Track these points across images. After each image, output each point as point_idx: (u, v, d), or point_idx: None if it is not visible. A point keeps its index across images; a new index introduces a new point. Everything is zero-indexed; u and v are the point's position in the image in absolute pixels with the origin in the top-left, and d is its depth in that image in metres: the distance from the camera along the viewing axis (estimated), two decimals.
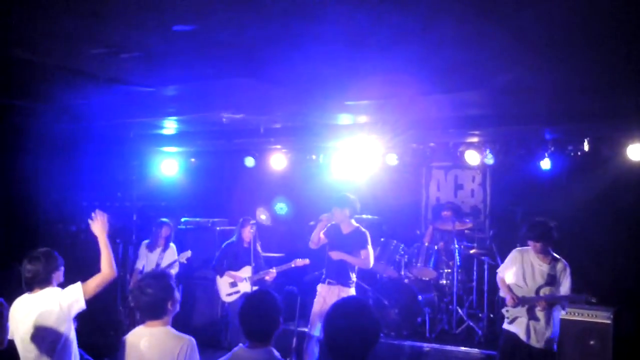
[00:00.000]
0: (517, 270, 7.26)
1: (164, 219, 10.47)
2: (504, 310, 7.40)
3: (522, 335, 7.13)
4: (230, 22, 4.65)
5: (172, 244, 10.26)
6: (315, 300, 8.64)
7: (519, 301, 7.16)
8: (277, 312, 4.42)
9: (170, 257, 10.09)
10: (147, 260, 10.18)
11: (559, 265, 7.15)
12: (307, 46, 5.29)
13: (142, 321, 4.72)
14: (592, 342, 8.86)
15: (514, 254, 7.43)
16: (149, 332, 4.63)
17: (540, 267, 7.17)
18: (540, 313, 7.10)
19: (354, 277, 8.64)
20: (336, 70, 6.24)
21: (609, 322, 8.87)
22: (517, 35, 4.92)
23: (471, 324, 10.21)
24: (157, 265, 9.99)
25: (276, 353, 4.33)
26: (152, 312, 4.63)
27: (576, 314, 9.01)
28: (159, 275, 4.88)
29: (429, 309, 10.34)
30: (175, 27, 4.77)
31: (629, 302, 9.37)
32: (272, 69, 6.20)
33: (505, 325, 7.35)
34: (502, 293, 7.45)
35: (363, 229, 8.69)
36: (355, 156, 10.89)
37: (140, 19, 4.66)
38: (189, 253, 9.98)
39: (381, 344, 9.31)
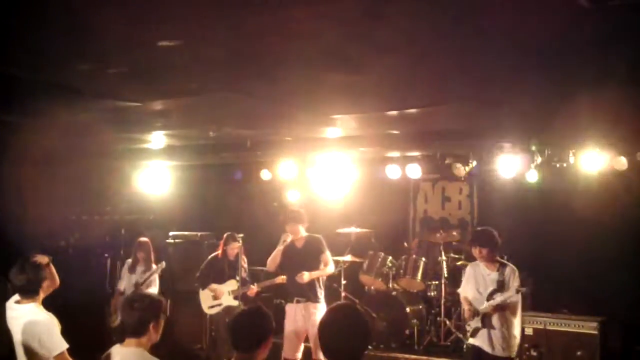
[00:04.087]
0: (473, 284, 7.39)
1: (143, 238, 10.38)
2: (466, 325, 7.51)
3: (486, 347, 7.17)
4: (215, 38, 4.70)
5: (153, 266, 10.18)
6: (286, 321, 8.51)
7: (475, 313, 7.24)
8: (267, 326, 4.46)
9: (149, 282, 10.02)
10: (128, 281, 10.06)
11: (507, 270, 7.26)
12: (291, 62, 5.33)
13: (122, 339, 4.68)
14: (579, 353, 8.91)
15: (467, 271, 7.63)
16: (123, 351, 4.59)
17: (489, 275, 7.28)
18: (495, 321, 7.15)
19: (322, 290, 8.58)
20: (322, 85, 6.28)
21: (595, 332, 8.92)
22: (502, 46, 4.97)
23: (459, 335, 10.23)
24: (136, 282, 9.90)
25: None
26: (133, 329, 4.58)
27: (563, 325, 9.06)
28: (152, 297, 4.81)
29: (417, 321, 10.36)
30: (160, 43, 4.80)
31: (615, 313, 9.42)
32: (257, 84, 6.24)
33: (470, 340, 7.40)
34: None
35: (315, 235, 8.64)
36: (343, 169, 10.93)
37: (126, 34, 4.68)
38: (162, 264, 9.92)
39: (370, 357, 9.35)
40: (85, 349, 9.13)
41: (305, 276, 8.30)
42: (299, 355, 8.47)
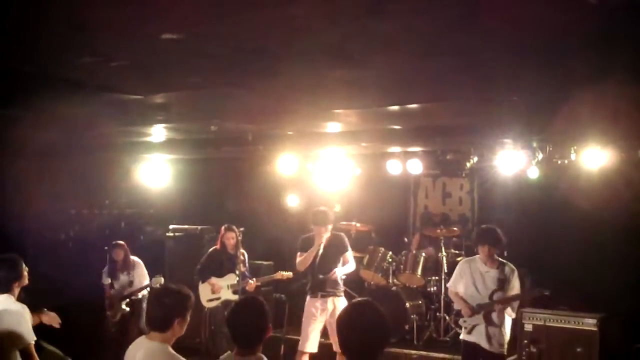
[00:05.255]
0: (468, 281, 7.43)
1: (118, 242, 10.41)
2: (461, 321, 7.56)
3: (484, 343, 7.26)
4: (217, 32, 4.69)
5: (137, 263, 10.24)
6: (306, 315, 8.67)
7: (475, 310, 7.25)
8: (264, 319, 4.45)
9: (140, 277, 10.07)
10: (117, 282, 10.17)
11: (507, 269, 7.36)
12: (292, 57, 5.32)
13: (147, 330, 4.67)
14: (578, 350, 8.90)
15: (461, 266, 7.66)
16: (147, 345, 4.55)
17: (488, 272, 7.34)
18: (495, 318, 7.24)
19: (342, 285, 8.82)
20: (323, 80, 6.27)
21: (595, 329, 8.92)
22: (505, 43, 4.96)
23: (459, 331, 10.22)
24: (131, 283, 9.98)
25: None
26: (159, 323, 4.55)
27: (562, 321, 9.06)
28: (181, 293, 4.75)
29: (417, 316, 10.37)
30: (163, 36, 4.79)
31: (615, 309, 9.42)
32: (259, 78, 6.23)
33: (464, 336, 7.49)
34: (457, 306, 7.62)
35: (339, 234, 8.89)
36: (343, 164, 10.93)
37: (128, 27, 4.67)
38: (161, 280, 9.95)
39: None
40: (85, 341, 9.19)
41: (338, 272, 8.64)
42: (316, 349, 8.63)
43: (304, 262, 8.68)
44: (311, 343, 8.56)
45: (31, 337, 5.38)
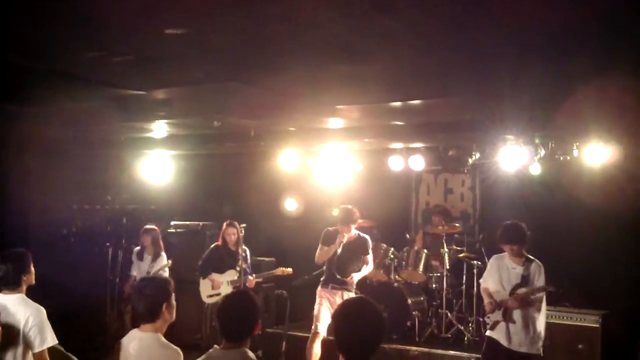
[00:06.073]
0: (496, 277, 7.33)
1: (149, 226, 10.46)
2: (485, 317, 7.49)
3: (503, 340, 7.13)
4: (222, 26, 4.68)
5: (162, 253, 10.25)
6: (317, 301, 8.79)
7: (495, 306, 7.21)
8: (254, 313, 4.45)
9: (159, 267, 10.08)
10: (138, 269, 10.20)
11: (533, 266, 7.20)
12: (298, 51, 5.32)
13: (137, 324, 4.71)
14: (580, 347, 8.90)
15: (491, 262, 7.56)
16: (140, 336, 4.62)
17: (514, 269, 7.23)
18: (516, 315, 7.11)
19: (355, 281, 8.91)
20: (326, 75, 6.27)
21: (597, 326, 8.91)
22: (507, 38, 4.96)
23: (460, 327, 10.24)
24: (148, 274, 9.99)
25: (250, 354, 4.32)
26: (147, 314, 4.60)
27: (565, 318, 9.06)
28: (159, 279, 4.87)
29: (419, 313, 10.36)
30: (167, 31, 4.79)
31: (617, 306, 9.42)
32: (262, 73, 6.22)
33: (488, 332, 7.38)
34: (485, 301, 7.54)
35: (364, 236, 8.96)
36: (345, 160, 10.92)
37: (132, 22, 4.67)
38: (169, 263, 9.99)
39: None
40: (85, 334, 9.19)
41: (355, 278, 8.80)
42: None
43: (322, 257, 8.81)
44: (323, 325, 8.62)
45: (53, 340, 5.31)
